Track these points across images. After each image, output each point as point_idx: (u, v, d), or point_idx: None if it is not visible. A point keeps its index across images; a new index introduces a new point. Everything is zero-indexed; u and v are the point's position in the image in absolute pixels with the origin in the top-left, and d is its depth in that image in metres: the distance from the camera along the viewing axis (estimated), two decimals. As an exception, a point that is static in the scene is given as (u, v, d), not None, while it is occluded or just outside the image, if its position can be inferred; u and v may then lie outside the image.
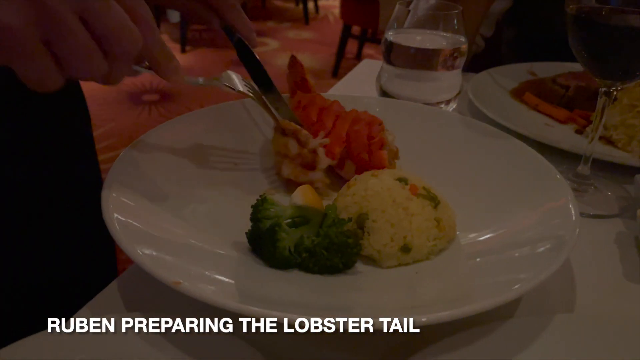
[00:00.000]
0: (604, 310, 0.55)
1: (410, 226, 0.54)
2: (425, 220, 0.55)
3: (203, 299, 0.41)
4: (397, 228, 0.54)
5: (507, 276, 0.49)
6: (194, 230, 0.55)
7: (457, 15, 0.86)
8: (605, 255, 0.64)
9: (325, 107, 0.72)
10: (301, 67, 0.78)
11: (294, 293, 0.48)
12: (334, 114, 0.70)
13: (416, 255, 0.54)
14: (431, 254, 0.55)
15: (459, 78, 0.91)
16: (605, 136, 0.88)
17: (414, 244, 0.54)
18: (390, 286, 0.52)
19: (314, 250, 0.51)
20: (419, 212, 0.55)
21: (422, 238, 0.54)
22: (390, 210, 0.54)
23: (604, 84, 0.68)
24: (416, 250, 0.54)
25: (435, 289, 0.51)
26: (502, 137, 0.72)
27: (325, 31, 5.61)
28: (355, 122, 0.69)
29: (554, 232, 0.53)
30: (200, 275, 0.48)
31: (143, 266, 0.44)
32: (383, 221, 0.54)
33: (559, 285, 0.57)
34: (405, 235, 0.54)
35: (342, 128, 0.69)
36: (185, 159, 0.66)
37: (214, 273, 0.49)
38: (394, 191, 0.56)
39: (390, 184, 0.57)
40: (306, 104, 0.72)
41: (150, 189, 0.58)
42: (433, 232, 0.55)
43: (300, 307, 0.45)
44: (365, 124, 0.69)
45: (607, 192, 0.76)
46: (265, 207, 0.52)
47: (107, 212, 0.51)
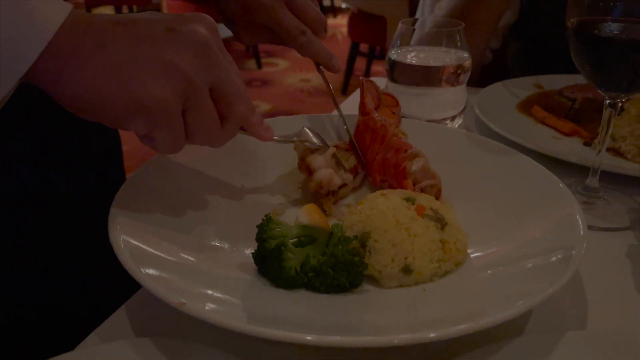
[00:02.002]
0: (616, 326, 0.54)
1: (412, 247, 0.53)
2: (429, 241, 0.54)
3: (207, 320, 0.42)
4: (398, 249, 0.53)
5: (514, 291, 0.49)
6: (200, 251, 0.56)
7: (460, 32, 0.87)
8: (616, 269, 0.63)
9: (375, 130, 0.71)
10: (362, 90, 0.78)
11: (301, 313, 0.48)
12: (381, 138, 0.70)
13: (418, 277, 0.53)
14: (435, 276, 0.54)
15: (463, 94, 0.91)
16: (614, 147, 0.87)
17: (415, 265, 0.53)
18: (397, 304, 0.51)
19: (321, 269, 0.51)
20: (422, 233, 0.54)
21: (425, 260, 0.53)
22: (392, 230, 0.54)
23: (608, 96, 0.68)
24: (418, 272, 0.53)
25: (441, 305, 0.51)
26: (508, 152, 0.71)
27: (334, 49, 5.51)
28: (387, 150, 0.68)
29: (562, 244, 0.52)
30: (206, 296, 0.48)
31: (147, 287, 0.45)
32: (385, 241, 0.53)
33: (569, 300, 0.57)
34: (406, 256, 0.53)
35: (382, 155, 0.69)
36: (194, 180, 0.67)
37: (220, 294, 0.49)
38: (398, 211, 0.55)
39: (397, 203, 0.57)
40: (362, 128, 0.73)
41: (158, 210, 0.59)
42: (437, 254, 0.54)
43: (307, 326, 0.45)
44: (395, 151, 0.68)
45: (617, 205, 0.75)
46: (271, 227, 0.53)
47: (113, 232, 0.51)
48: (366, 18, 3.91)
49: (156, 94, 0.46)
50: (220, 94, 0.50)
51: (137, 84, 0.45)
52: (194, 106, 0.49)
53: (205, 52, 0.48)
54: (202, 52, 0.48)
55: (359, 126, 0.74)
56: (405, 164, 0.66)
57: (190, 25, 0.48)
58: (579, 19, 0.65)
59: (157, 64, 0.46)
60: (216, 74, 0.49)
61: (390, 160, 0.67)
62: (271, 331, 0.40)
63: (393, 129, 0.71)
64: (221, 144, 0.55)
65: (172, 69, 0.46)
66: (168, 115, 0.47)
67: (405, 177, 0.65)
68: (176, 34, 0.47)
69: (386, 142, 0.69)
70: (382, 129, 0.70)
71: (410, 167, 0.66)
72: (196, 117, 0.50)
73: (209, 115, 0.50)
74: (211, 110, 0.50)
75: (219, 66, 0.49)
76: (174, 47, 0.47)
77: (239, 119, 0.53)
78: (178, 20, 0.48)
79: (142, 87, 0.46)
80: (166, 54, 0.46)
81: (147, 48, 0.46)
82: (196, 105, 0.49)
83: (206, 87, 0.49)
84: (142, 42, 0.46)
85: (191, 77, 0.47)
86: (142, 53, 0.46)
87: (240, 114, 0.53)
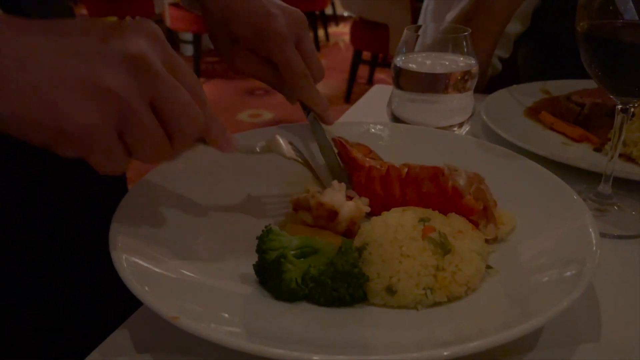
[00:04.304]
0: (631, 337, 0.52)
1: (399, 266, 0.50)
2: (420, 265, 0.50)
3: (200, 335, 0.40)
4: (385, 265, 0.50)
5: (525, 307, 0.47)
6: (201, 263, 0.54)
7: (467, 38, 0.85)
8: (630, 278, 0.61)
9: (385, 176, 0.64)
10: (342, 146, 0.70)
11: (298, 328, 0.47)
12: (396, 179, 0.63)
13: (401, 300, 0.50)
14: (419, 305, 0.50)
15: (471, 100, 0.90)
16: (626, 153, 0.85)
17: (398, 287, 0.50)
18: (401, 320, 0.49)
19: (319, 279, 0.49)
20: (415, 255, 0.51)
21: (410, 283, 0.50)
22: (386, 245, 0.51)
23: (620, 100, 0.66)
24: (401, 294, 0.50)
25: (446, 322, 0.49)
26: (516, 159, 0.70)
27: (337, 57, 5.67)
28: (420, 183, 0.61)
29: (574, 257, 0.51)
30: (202, 310, 0.46)
31: (143, 300, 0.44)
32: (376, 255, 0.51)
33: (582, 312, 0.54)
34: (391, 275, 0.50)
35: (412, 193, 0.62)
36: (197, 190, 0.65)
37: (217, 307, 0.47)
38: (403, 228, 0.53)
39: (405, 220, 0.54)
40: (365, 182, 0.66)
41: (159, 221, 0.58)
42: (426, 280, 0.50)
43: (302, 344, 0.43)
44: (430, 180, 0.60)
45: (631, 212, 0.73)
46: (271, 238, 0.51)
47: (113, 246, 0.50)
48: (368, 26, 3.90)
49: (83, 122, 0.41)
50: (163, 110, 0.45)
51: (62, 110, 0.41)
52: (132, 128, 0.44)
53: (141, 66, 0.43)
54: (136, 67, 0.43)
55: (360, 184, 0.66)
56: (450, 185, 0.58)
57: (127, 36, 0.43)
58: (589, 22, 0.64)
59: (85, 85, 0.41)
60: (156, 90, 0.44)
61: (430, 192, 0.60)
62: (265, 348, 0.39)
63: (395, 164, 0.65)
64: (173, 158, 0.50)
65: (101, 91, 0.42)
66: (99, 142, 0.43)
67: (462, 197, 0.58)
68: (109, 47, 0.42)
69: (411, 176, 0.61)
70: (393, 170, 0.63)
71: (459, 185, 0.58)
72: (136, 138, 0.45)
73: (150, 136, 0.45)
74: (153, 129, 0.45)
75: (159, 80, 0.44)
76: (105, 64, 0.42)
77: (188, 134, 0.48)
78: (113, 30, 0.43)
79: (68, 113, 0.41)
80: (96, 72, 0.41)
81: (75, 65, 0.41)
82: (134, 127, 0.44)
83: (143, 105, 0.44)
84: (70, 57, 0.41)
85: (124, 98, 0.42)
86: (69, 71, 0.41)
87: (189, 129, 0.47)
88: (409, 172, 0.61)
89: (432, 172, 0.59)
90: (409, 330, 0.49)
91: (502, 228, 0.59)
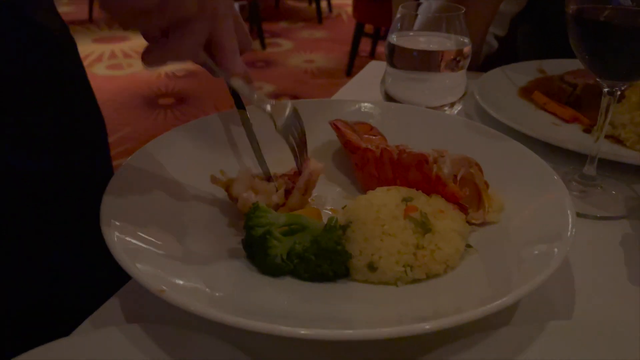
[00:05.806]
0: (604, 316, 0.54)
1: (380, 244, 0.52)
2: (401, 243, 0.52)
3: (185, 308, 0.42)
4: (368, 243, 0.53)
5: (500, 284, 0.48)
6: (190, 238, 0.56)
7: (461, 17, 0.85)
8: (609, 257, 0.63)
9: (378, 158, 0.65)
10: (338, 130, 0.72)
11: (282, 301, 0.49)
12: (389, 162, 0.63)
13: (382, 276, 0.52)
14: (399, 281, 0.52)
15: (463, 80, 0.90)
16: (614, 135, 0.86)
17: (380, 264, 0.51)
18: (381, 296, 0.51)
19: (304, 255, 0.51)
20: (396, 234, 0.53)
21: (390, 261, 0.52)
22: (369, 224, 0.53)
23: (606, 83, 0.67)
24: (381, 271, 0.52)
25: (425, 298, 0.51)
26: (502, 140, 0.70)
27: (339, 30, 5.61)
28: (406, 169, 0.61)
29: (550, 236, 0.52)
30: (188, 284, 0.48)
31: (131, 273, 0.45)
32: (359, 233, 0.53)
33: (557, 290, 0.56)
34: (372, 252, 0.52)
35: (402, 177, 0.62)
36: (188, 167, 0.66)
37: (204, 281, 0.49)
38: (385, 207, 0.55)
39: (389, 200, 0.56)
40: (361, 164, 0.68)
41: (149, 199, 0.59)
42: (406, 258, 0.52)
43: (284, 317, 0.45)
44: (416, 167, 0.60)
45: (614, 193, 0.74)
46: (258, 214, 0.53)
47: (104, 218, 0.52)
48: (371, -2, 3.86)
49: None
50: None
51: None
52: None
53: None
54: None
55: (357, 165, 0.68)
56: (434, 174, 0.59)
57: None
58: (578, 5, 0.64)
59: None
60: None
61: (417, 179, 0.61)
62: (247, 322, 0.40)
63: (391, 145, 0.66)
64: (180, 52, 0.50)
65: None
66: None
67: (445, 185, 0.58)
68: None
69: (399, 162, 0.62)
70: (386, 153, 0.64)
71: (443, 173, 0.58)
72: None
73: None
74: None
75: None
76: None
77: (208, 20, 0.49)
78: None
79: None
80: None
81: None
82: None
83: None
84: None
85: None
86: None
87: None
88: (399, 157, 0.62)
89: (417, 159, 0.60)
90: (389, 305, 0.51)
91: (490, 213, 0.60)
